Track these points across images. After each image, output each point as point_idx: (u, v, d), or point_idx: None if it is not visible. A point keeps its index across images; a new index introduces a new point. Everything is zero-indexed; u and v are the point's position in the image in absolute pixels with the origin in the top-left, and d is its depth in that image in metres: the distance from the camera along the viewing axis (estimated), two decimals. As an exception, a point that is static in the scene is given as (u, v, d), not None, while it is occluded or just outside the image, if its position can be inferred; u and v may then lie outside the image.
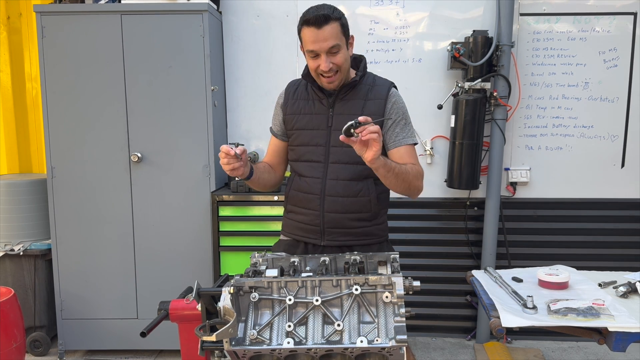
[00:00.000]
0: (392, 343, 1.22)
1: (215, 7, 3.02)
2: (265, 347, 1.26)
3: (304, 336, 1.28)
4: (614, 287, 1.83)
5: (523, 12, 3.07)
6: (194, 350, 1.71)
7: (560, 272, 1.89)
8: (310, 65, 1.75)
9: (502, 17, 2.95)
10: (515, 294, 1.74)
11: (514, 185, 3.19)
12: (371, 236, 1.88)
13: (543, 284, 1.86)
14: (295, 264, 1.52)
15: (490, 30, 3.02)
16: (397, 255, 1.55)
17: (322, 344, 1.25)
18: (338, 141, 1.77)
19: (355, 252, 1.59)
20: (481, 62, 2.91)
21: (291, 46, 3.20)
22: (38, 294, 3.09)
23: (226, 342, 1.25)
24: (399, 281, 1.31)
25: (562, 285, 1.84)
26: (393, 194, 1.90)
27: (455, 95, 3.04)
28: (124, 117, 2.88)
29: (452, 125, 3.03)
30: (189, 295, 1.39)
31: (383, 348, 1.23)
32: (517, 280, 1.93)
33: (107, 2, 2.91)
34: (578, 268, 2.06)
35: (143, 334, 1.50)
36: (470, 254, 3.23)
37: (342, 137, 1.48)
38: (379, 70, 3.11)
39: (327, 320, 1.30)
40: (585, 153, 3.17)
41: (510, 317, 1.56)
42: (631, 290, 1.77)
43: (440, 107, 3.05)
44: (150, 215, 2.95)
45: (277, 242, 2.01)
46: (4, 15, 3.40)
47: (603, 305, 1.62)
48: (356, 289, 1.32)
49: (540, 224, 3.20)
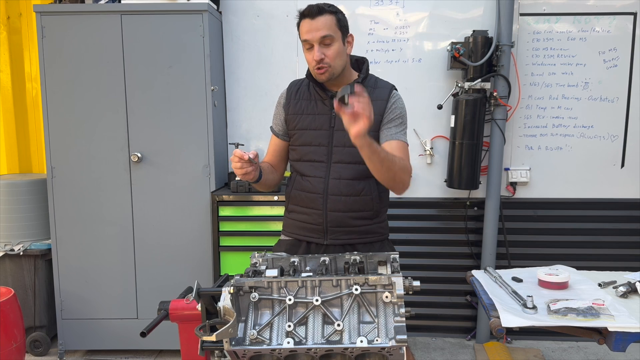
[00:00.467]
0: (392, 343, 1.22)
1: (215, 7, 3.03)
2: (265, 347, 1.26)
3: (304, 336, 1.28)
4: (614, 287, 1.83)
5: (523, 12, 3.07)
6: (194, 350, 1.71)
7: (560, 272, 1.89)
8: (307, 58, 1.79)
9: (502, 17, 2.95)
10: (515, 294, 1.74)
11: (514, 185, 3.19)
12: (373, 234, 1.90)
13: (543, 284, 1.86)
14: (295, 264, 1.52)
15: (490, 30, 3.02)
16: (397, 255, 1.55)
17: (322, 344, 1.25)
18: (341, 141, 1.80)
19: (355, 252, 1.60)
20: (481, 62, 2.92)
21: (291, 46, 3.20)
22: (38, 294, 3.09)
23: (226, 342, 1.25)
24: (399, 281, 1.31)
25: (562, 285, 1.84)
26: (393, 194, 1.90)
27: (455, 95, 3.04)
28: (124, 117, 2.88)
29: (452, 125, 3.03)
30: (189, 295, 1.39)
31: (383, 348, 1.24)
32: (517, 280, 1.93)
33: (107, 2, 2.91)
34: (578, 268, 2.06)
35: (143, 334, 1.50)
36: (470, 254, 3.23)
37: (335, 106, 1.44)
38: (379, 71, 3.14)
39: (327, 320, 1.30)
40: (585, 153, 3.17)
41: (510, 317, 1.56)
42: (631, 290, 1.77)
43: (440, 107, 3.05)
44: (150, 215, 2.95)
45: (277, 242, 2.01)
46: (4, 15, 3.40)
47: (603, 305, 1.62)
48: (356, 289, 1.32)
49: (540, 224, 3.20)
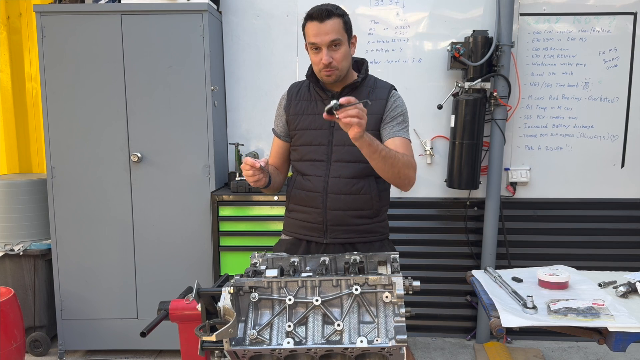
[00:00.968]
0: (392, 343, 1.22)
1: (215, 7, 3.02)
2: (265, 347, 1.26)
3: (304, 336, 1.28)
4: (614, 287, 1.83)
5: (523, 12, 3.07)
6: (194, 350, 1.71)
7: (560, 272, 1.89)
8: (312, 59, 1.80)
9: (502, 17, 2.95)
10: (515, 294, 1.74)
11: (514, 185, 3.19)
12: (373, 233, 1.90)
13: (543, 284, 1.86)
14: (295, 264, 1.52)
15: (490, 30, 3.02)
16: (397, 255, 1.55)
17: (322, 344, 1.25)
18: (340, 140, 1.81)
19: (355, 252, 1.60)
20: (481, 62, 2.91)
21: (291, 46, 3.20)
22: (38, 294, 3.09)
23: (226, 342, 1.25)
24: (399, 281, 1.31)
25: (562, 285, 1.84)
26: (393, 194, 1.90)
27: (455, 95, 3.04)
28: (124, 117, 2.88)
29: (452, 125, 3.03)
30: (189, 295, 1.39)
31: (383, 348, 1.23)
32: (517, 280, 1.93)
33: (107, 2, 2.91)
34: (578, 268, 2.06)
35: (143, 334, 1.50)
36: (470, 254, 3.23)
37: (325, 115, 1.47)
38: (379, 71, 3.14)
39: (327, 320, 1.30)
40: (585, 153, 3.17)
41: (510, 317, 1.56)
42: (631, 290, 1.77)
43: (440, 107, 3.05)
44: (150, 215, 2.95)
45: (278, 241, 2.02)
46: (4, 15, 3.40)
47: (603, 305, 1.62)
48: (356, 289, 1.32)
49: (540, 224, 3.20)
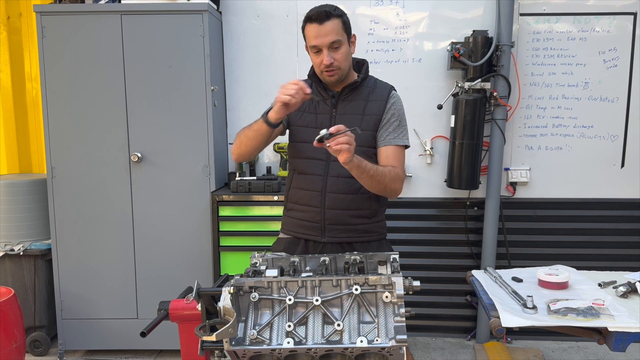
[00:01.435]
0: (392, 343, 1.22)
1: (215, 7, 3.03)
2: (265, 347, 1.26)
3: (304, 336, 1.28)
4: (614, 287, 1.83)
5: (523, 12, 3.07)
6: (194, 350, 1.71)
7: (560, 272, 1.89)
8: (314, 61, 1.81)
9: (502, 17, 2.95)
10: (515, 294, 1.74)
11: (514, 185, 3.19)
12: (371, 233, 1.90)
13: (543, 284, 1.86)
14: (295, 264, 1.52)
15: (490, 30, 3.02)
16: (397, 255, 1.55)
17: (322, 344, 1.25)
18: None
19: (355, 252, 1.60)
20: (481, 62, 2.91)
21: (291, 46, 3.20)
22: (38, 294, 3.09)
23: (226, 342, 1.25)
24: (398, 281, 1.31)
25: (562, 285, 1.84)
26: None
27: (455, 95, 3.04)
28: (124, 117, 2.88)
29: (452, 125, 3.03)
30: (189, 295, 1.39)
31: (383, 348, 1.24)
32: (517, 280, 1.93)
33: (107, 2, 2.91)
34: (578, 268, 2.06)
35: (143, 334, 1.50)
36: (470, 254, 3.23)
37: (315, 143, 1.53)
38: (379, 71, 3.14)
39: (327, 320, 1.30)
40: (585, 153, 3.17)
41: (510, 317, 1.56)
42: (631, 290, 1.77)
43: (440, 107, 3.05)
44: (150, 215, 2.95)
45: (276, 240, 2.02)
46: (4, 15, 3.40)
47: (603, 305, 1.62)
48: (356, 289, 1.32)
49: (540, 224, 3.20)
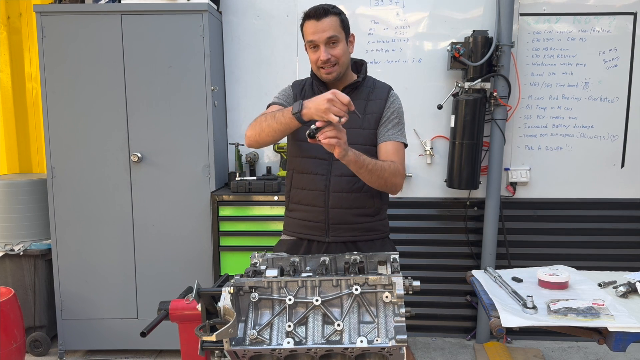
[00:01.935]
0: (392, 343, 1.22)
1: (215, 7, 3.03)
2: (265, 347, 1.26)
3: (304, 336, 1.28)
4: (614, 287, 1.83)
5: (523, 12, 3.07)
6: (194, 350, 1.71)
7: (560, 272, 1.89)
8: (311, 57, 1.81)
9: (502, 17, 2.95)
10: (515, 294, 1.74)
11: (514, 185, 3.19)
12: (374, 231, 1.90)
13: (543, 284, 1.86)
14: (295, 264, 1.52)
15: (490, 30, 3.02)
16: (397, 255, 1.55)
17: (322, 344, 1.25)
18: None
19: (355, 252, 1.60)
20: (481, 62, 2.91)
21: (291, 46, 3.20)
22: (38, 294, 3.09)
23: (226, 342, 1.25)
24: (399, 281, 1.31)
25: (562, 285, 1.84)
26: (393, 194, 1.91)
27: (455, 95, 3.04)
28: (124, 117, 2.88)
29: (452, 125, 3.03)
30: (189, 295, 1.39)
31: (383, 348, 1.23)
32: (517, 280, 1.93)
33: (107, 2, 2.91)
34: (578, 268, 2.06)
35: (143, 334, 1.50)
36: (470, 254, 3.23)
37: (309, 140, 1.53)
38: (378, 71, 3.14)
39: (327, 320, 1.30)
40: (585, 153, 3.17)
41: (510, 317, 1.56)
42: (631, 290, 1.77)
43: (440, 107, 3.05)
44: (150, 215, 2.95)
45: (278, 242, 2.01)
46: (4, 15, 3.40)
47: (603, 305, 1.62)
48: (356, 289, 1.32)
49: (540, 224, 3.20)
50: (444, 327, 3.33)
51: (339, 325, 1.26)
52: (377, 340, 1.25)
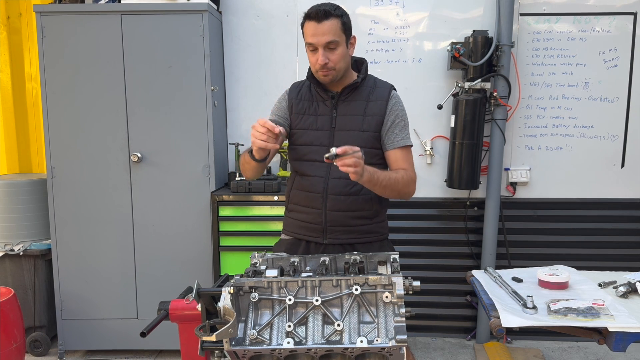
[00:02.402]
0: (392, 343, 1.22)
1: (215, 7, 3.02)
2: (265, 347, 1.26)
3: (304, 336, 1.28)
4: (614, 287, 1.83)
5: (523, 12, 3.07)
6: (194, 350, 1.71)
7: (560, 272, 1.89)
8: (310, 59, 1.81)
9: (502, 17, 2.95)
10: (515, 294, 1.74)
11: (514, 185, 3.19)
12: (373, 234, 1.90)
13: (543, 284, 1.86)
14: (295, 264, 1.52)
15: (490, 30, 3.02)
16: (397, 255, 1.55)
17: (322, 344, 1.25)
18: (342, 142, 1.81)
19: (355, 252, 1.60)
20: (481, 62, 2.92)
21: (291, 46, 3.20)
22: (38, 294, 3.09)
23: (226, 342, 1.25)
24: (399, 281, 1.31)
25: (562, 285, 1.84)
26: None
27: (455, 95, 3.04)
28: (124, 117, 2.88)
29: (452, 125, 3.03)
30: (189, 295, 1.39)
31: (383, 348, 1.24)
32: (517, 280, 1.93)
33: (107, 2, 2.91)
34: (578, 268, 2.06)
35: (143, 334, 1.50)
36: (470, 254, 3.23)
37: (325, 160, 1.54)
38: (379, 70, 3.14)
39: (327, 320, 1.30)
40: (585, 153, 3.17)
41: (510, 317, 1.56)
42: (631, 290, 1.77)
43: (440, 107, 3.05)
44: (150, 215, 2.95)
45: (278, 241, 2.02)
46: (4, 15, 3.40)
47: (603, 305, 1.62)
48: (356, 289, 1.32)
49: (540, 224, 3.20)
50: (444, 327, 3.33)
51: (339, 325, 1.26)
52: (377, 340, 1.25)
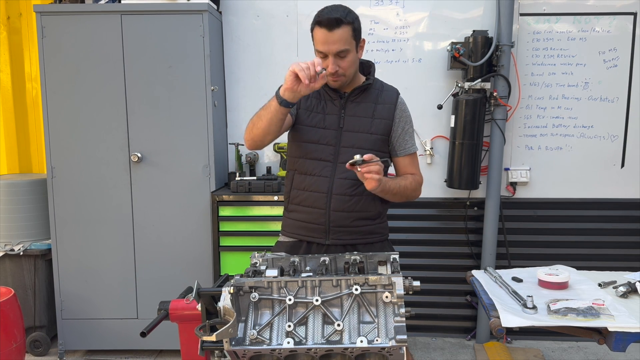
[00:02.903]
0: (392, 343, 1.22)
1: (215, 7, 3.02)
2: (265, 347, 1.26)
3: (304, 336, 1.28)
4: (614, 287, 1.83)
5: (523, 12, 3.07)
6: (194, 350, 1.71)
7: (560, 272, 1.89)
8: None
9: (502, 17, 2.95)
10: (515, 294, 1.74)
11: (514, 185, 3.19)
12: (375, 234, 1.91)
13: (543, 284, 1.86)
14: (295, 264, 1.52)
15: (490, 30, 3.02)
16: (397, 255, 1.55)
17: (322, 344, 1.25)
18: (349, 142, 1.82)
19: (355, 252, 1.60)
20: (481, 62, 2.92)
21: (291, 46, 3.20)
22: (38, 294, 3.09)
23: (226, 342, 1.25)
24: (399, 281, 1.31)
25: (562, 285, 1.84)
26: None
27: (455, 95, 3.04)
28: (124, 117, 2.88)
29: (452, 125, 3.03)
30: (189, 295, 1.39)
31: (383, 348, 1.23)
32: (517, 280, 1.93)
33: (107, 2, 2.91)
34: (578, 268, 2.06)
35: (143, 334, 1.50)
36: (470, 254, 3.23)
37: (347, 165, 1.60)
38: (379, 71, 3.13)
39: (327, 320, 1.30)
40: (585, 153, 3.17)
41: (510, 317, 1.56)
42: (631, 290, 1.77)
43: (440, 107, 3.05)
44: (150, 215, 2.95)
45: (276, 243, 1.99)
46: (4, 15, 3.40)
47: (603, 305, 1.62)
48: (356, 289, 1.32)
49: (540, 224, 3.20)
50: (444, 327, 3.33)
51: (339, 325, 1.26)
52: (377, 340, 1.25)
